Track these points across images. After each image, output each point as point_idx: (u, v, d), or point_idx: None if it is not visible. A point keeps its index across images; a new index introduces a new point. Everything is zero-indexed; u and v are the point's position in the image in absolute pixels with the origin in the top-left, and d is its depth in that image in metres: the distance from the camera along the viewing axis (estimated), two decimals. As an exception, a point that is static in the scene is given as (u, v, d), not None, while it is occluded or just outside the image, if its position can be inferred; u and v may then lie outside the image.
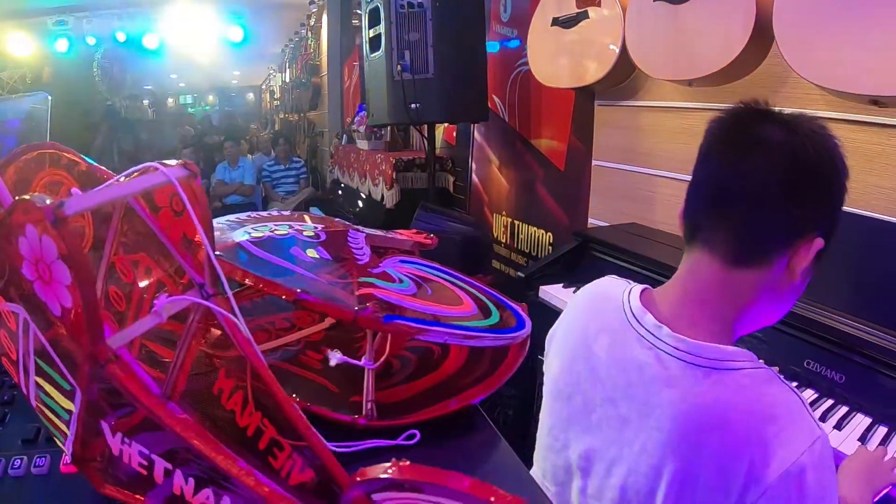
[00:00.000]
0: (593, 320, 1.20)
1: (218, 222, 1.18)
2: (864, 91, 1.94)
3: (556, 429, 1.22)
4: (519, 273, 2.56)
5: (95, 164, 0.96)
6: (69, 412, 0.83)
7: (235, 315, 0.78)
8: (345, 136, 6.91)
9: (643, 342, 1.07)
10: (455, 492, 0.63)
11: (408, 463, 0.66)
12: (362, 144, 5.83)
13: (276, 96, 14.15)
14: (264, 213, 1.31)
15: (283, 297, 0.97)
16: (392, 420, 1.01)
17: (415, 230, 1.43)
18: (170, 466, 0.76)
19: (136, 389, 0.75)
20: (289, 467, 0.76)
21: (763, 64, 2.38)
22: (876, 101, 2.00)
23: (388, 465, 0.66)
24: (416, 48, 3.58)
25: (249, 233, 1.13)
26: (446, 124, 4.98)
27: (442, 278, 1.22)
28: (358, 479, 0.68)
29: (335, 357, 0.98)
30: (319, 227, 1.23)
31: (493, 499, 0.60)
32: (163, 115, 14.49)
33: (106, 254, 0.93)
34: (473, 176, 4.79)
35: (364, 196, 5.46)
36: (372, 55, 3.99)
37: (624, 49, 2.75)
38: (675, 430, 0.99)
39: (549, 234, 3.89)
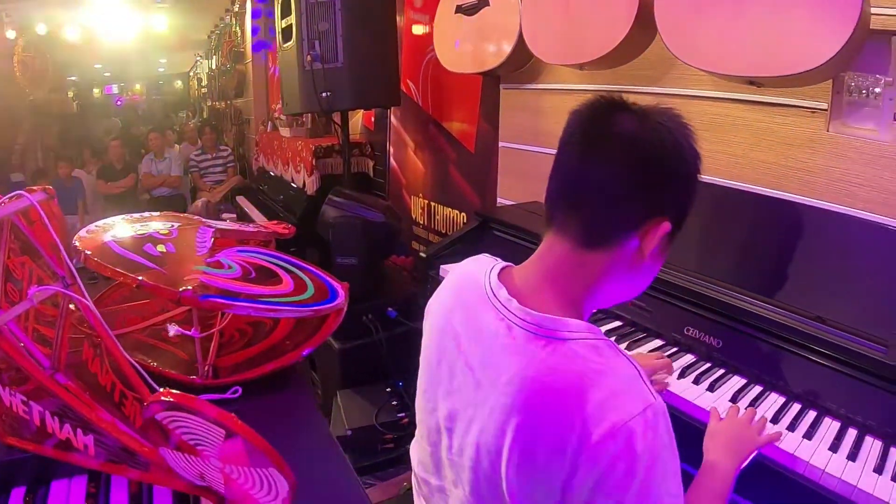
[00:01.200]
0: (454, 297, 1.28)
1: (96, 225, 1.39)
2: (740, 73, 2.02)
3: (427, 392, 1.29)
4: (421, 253, 2.62)
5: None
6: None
7: (85, 298, 1.01)
8: (270, 123, 6.82)
9: (497, 314, 1.14)
10: (223, 420, 0.90)
11: (176, 392, 0.93)
12: (284, 132, 5.79)
13: (203, 84, 13.87)
14: (136, 215, 1.54)
15: (130, 284, 1.20)
16: (225, 379, 1.27)
17: (276, 221, 1.67)
18: (41, 409, 0.94)
19: (14, 354, 0.94)
20: (133, 413, 1.00)
21: (652, 46, 2.44)
22: (753, 82, 2.08)
23: (162, 392, 0.94)
24: (325, 38, 3.57)
25: (120, 233, 1.37)
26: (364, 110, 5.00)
27: (272, 263, 1.44)
28: (145, 402, 0.94)
29: (172, 329, 1.26)
30: (176, 225, 1.45)
31: (241, 430, 0.91)
32: (88, 108, 14.04)
33: (0, 259, 1.12)
34: (391, 159, 4.81)
35: (287, 183, 5.44)
36: (285, 45, 3.98)
37: (521, 35, 2.80)
38: (516, 393, 1.04)
39: (463, 214, 3.95)
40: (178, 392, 0.93)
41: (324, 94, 3.53)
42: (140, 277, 1.20)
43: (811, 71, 1.84)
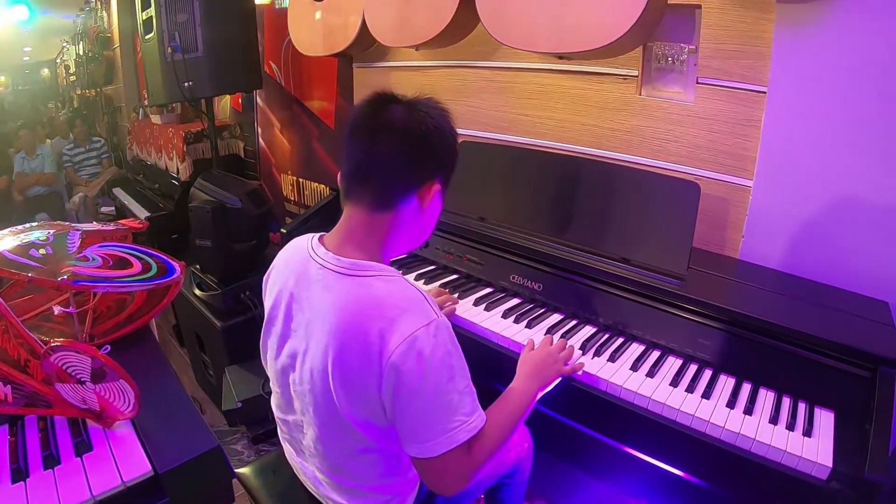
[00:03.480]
0: (286, 265, 1.52)
1: (-1, 234, 1.75)
2: (548, 50, 2.25)
3: (272, 345, 1.55)
4: (282, 230, 2.78)
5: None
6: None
7: None
8: (141, 110, 6.66)
9: (318, 266, 1.41)
10: (87, 351, 1.35)
11: (62, 339, 1.37)
12: (155, 119, 5.70)
13: (71, 71, 13.25)
14: (20, 227, 1.84)
15: (23, 280, 1.56)
16: (99, 341, 1.64)
17: (132, 219, 1.95)
18: None
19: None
20: (35, 370, 1.35)
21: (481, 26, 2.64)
22: (561, 57, 2.31)
23: (52, 341, 1.35)
24: (184, 29, 3.59)
25: (9, 243, 1.68)
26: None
27: (125, 252, 1.79)
28: (43, 350, 1.35)
29: (57, 309, 1.60)
30: (52, 231, 1.77)
31: (99, 356, 1.36)
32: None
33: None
34: (260, 140, 4.87)
35: (163, 170, 5.39)
36: (146, 37, 3.95)
37: (364, 20, 2.96)
38: (331, 321, 1.32)
39: (329, 186, 4.11)
40: (61, 339, 1.32)
41: (186, 84, 3.57)
42: (30, 274, 1.55)
43: (610, 45, 2.06)
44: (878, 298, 1.98)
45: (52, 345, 1.32)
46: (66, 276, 1.55)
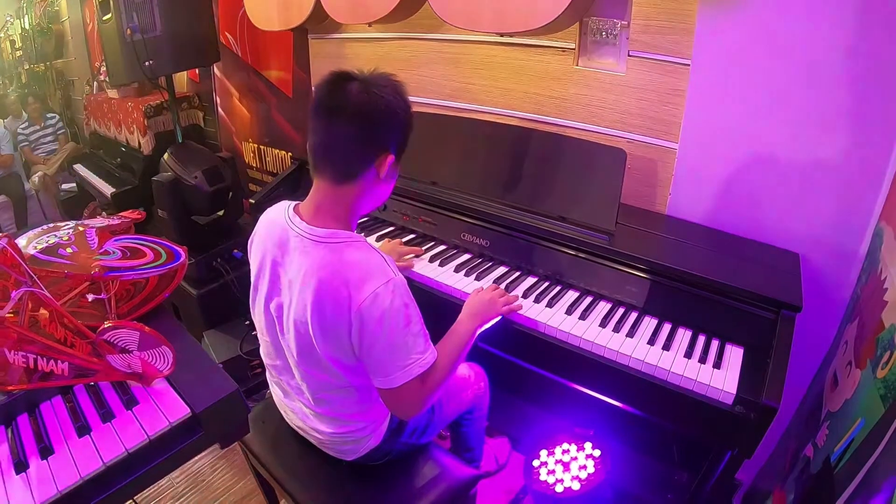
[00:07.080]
0: (267, 235, 1.74)
1: (18, 241, 1.93)
2: (488, 30, 2.47)
3: (260, 301, 1.80)
4: (251, 200, 3.02)
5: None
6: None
7: (43, 290, 1.61)
8: (95, 83, 6.53)
9: (296, 235, 1.64)
10: (136, 327, 1.64)
11: (113, 320, 1.66)
12: (112, 93, 5.59)
13: (18, 46, 12.98)
14: (38, 230, 2.07)
15: (60, 274, 1.82)
16: (126, 319, 1.88)
17: (131, 210, 2.32)
18: (32, 355, 1.55)
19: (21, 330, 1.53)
20: (80, 348, 1.62)
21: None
22: (501, 35, 2.53)
23: (105, 323, 1.62)
24: (142, 9, 3.61)
25: (36, 246, 1.93)
26: (186, 66, 5.01)
27: (137, 244, 2.06)
28: (100, 329, 1.60)
29: (90, 296, 1.84)
30: (70, 231, 2.04)
31: (146, 330, 1.61)
32: None
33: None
34: (219, 109, 4.97)
35: (123, 145, 5.38)
36: (104, 18, 3.92)
37: (318, -2, 3.11)
38: (310, 281, 1.57)
39: (290, 153, 4.27)
40: (111, 321, 1.64)
41: (147, 63, 3.65)
42: (66, 271, 1.82)
43: (546, 25, 2.29)
44: (791, 250, 2.25)
45: (105, 324, 1.61)
46: (97, 270, 1.84)
